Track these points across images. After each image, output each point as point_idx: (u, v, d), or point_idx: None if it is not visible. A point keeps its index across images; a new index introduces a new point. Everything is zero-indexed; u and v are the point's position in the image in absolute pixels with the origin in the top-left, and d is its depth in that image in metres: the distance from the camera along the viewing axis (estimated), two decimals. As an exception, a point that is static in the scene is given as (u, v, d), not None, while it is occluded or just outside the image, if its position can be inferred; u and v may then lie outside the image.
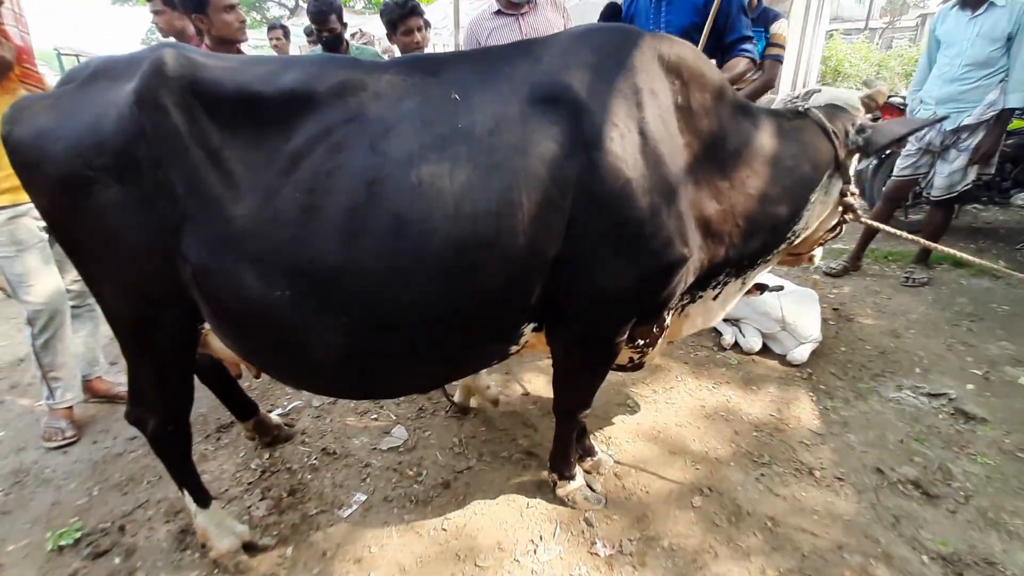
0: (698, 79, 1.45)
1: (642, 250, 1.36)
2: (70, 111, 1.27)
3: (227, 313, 1.34)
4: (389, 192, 1.22)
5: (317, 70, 1.32)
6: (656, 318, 1.60)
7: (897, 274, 3.88)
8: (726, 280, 1.75)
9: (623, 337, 1.57)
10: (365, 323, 1.31)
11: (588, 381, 1.74)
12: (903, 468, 2.08)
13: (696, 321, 1.84)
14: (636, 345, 1.66)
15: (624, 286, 1.40)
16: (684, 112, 1.44)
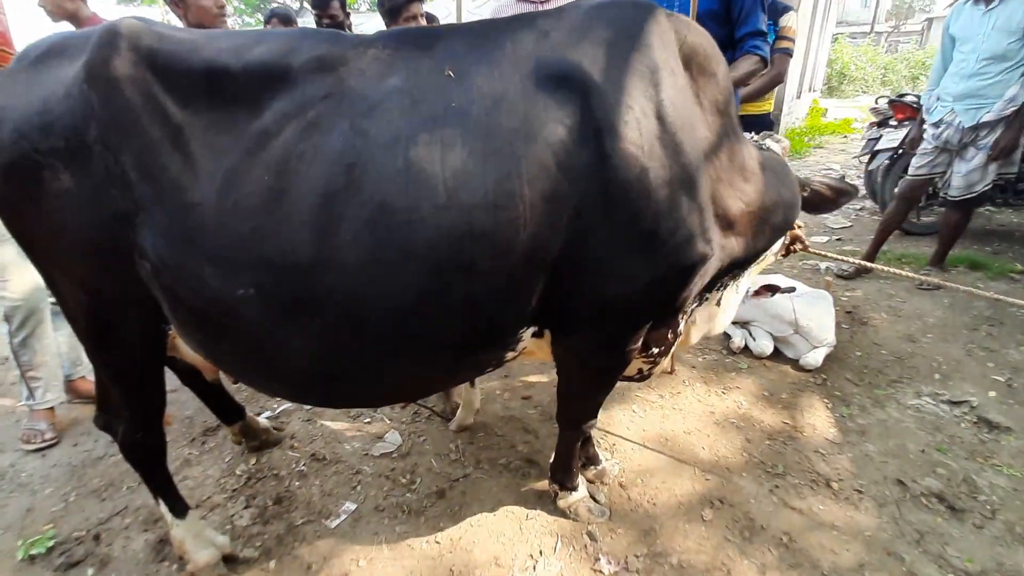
0: (712, 71, 1.34)
1: (660, 248, 1.23)
2: (18, 91, 1.15)
3: (188, 314, 1.21)
4: (371, 177, 1.08)
5: (294, 43, 1.19)
6: (672, 323, 1.48)
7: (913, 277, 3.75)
8: (727, 283, 1.65)
9: (636, 345, 1.44)
10: (341, 325, 1.17)
11: (595, 392, 1.61)
12: (926, 480, 1.96)
13: (702, 326, 1.72)
14: (649, 354, 1.52)
15: (639, 288, 1.27)
16: (700, 103, 1.33)
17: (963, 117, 3.16)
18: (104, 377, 1.45)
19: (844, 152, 8.81)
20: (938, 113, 3.28)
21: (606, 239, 1.20)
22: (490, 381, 2.65)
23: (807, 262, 4.13)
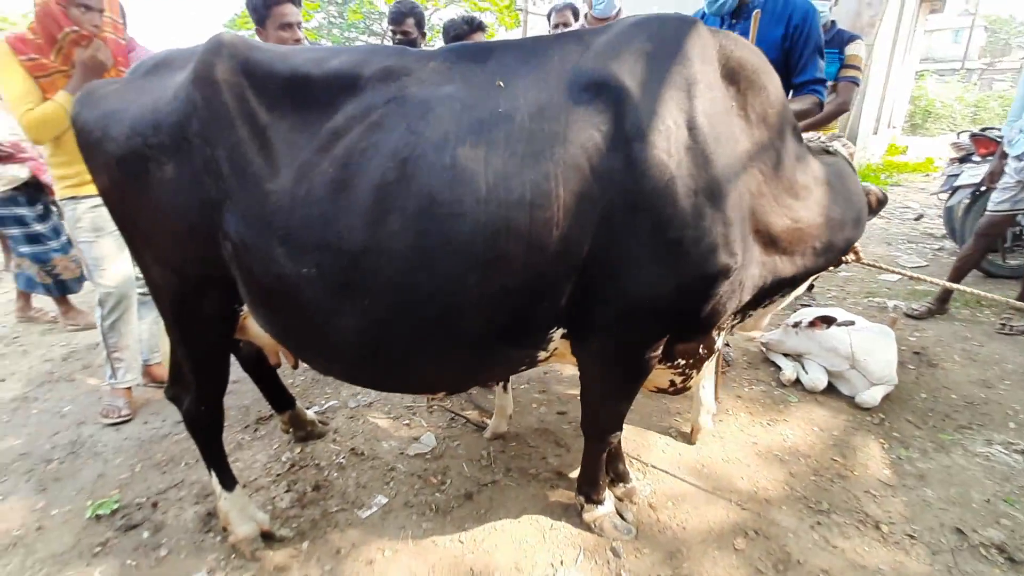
0: (760, 87, 1.36)
1: (682, 256, 1.25)
2: (133, 95, 1.36)
3: (260, 290, 1.35)
4: (420, 171, 1.19)
5: (366, 56, 1.34)
6: (699, 336, 1.47)
7: (992, 320, 3.47)
8: (778, 300, 1.65)
9: (655, 353, 1.44)
10: (386, 306, 1.27)
11: (616, 399, 1.60)
12: (987, 531, 1.79)
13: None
14: (677, 365, 1.53)
15: (659, 295, 1.29)
16: (743, 118, 1.35)
17: (1050, 150, 2.94)
18: (179, 351, 1.62)
19: (923, 191, 8.30)
20: (1020, 146, 3.08)
21: (632, 243, 1.23)
22: (527, 394, 2.68)
23: (874, 299, 3.91)
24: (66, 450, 2.33)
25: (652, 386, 1.65)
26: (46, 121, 2.14)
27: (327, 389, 2.80)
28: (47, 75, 2.16)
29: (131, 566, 1.72)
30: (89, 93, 1.41)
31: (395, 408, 2.59)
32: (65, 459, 2.27)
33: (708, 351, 1.52)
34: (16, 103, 2.12)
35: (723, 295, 1.34)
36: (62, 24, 2.15)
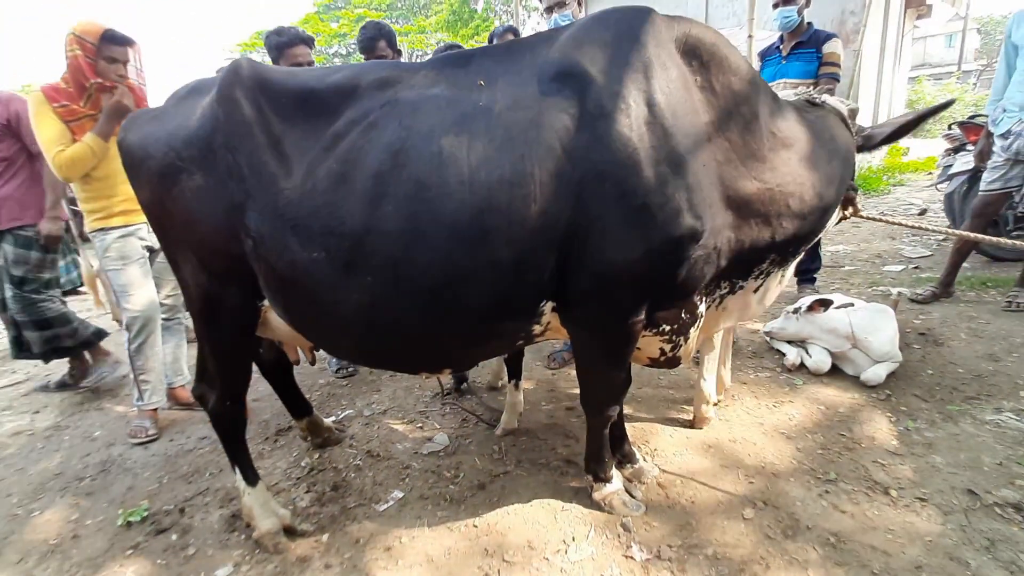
0: (719, 60, 1.45)
1: (649, 221, 1.34)
2: (169, 119, 1.55)
3: (277, 278, 1.48)
4: (411, 160, 1.32)
5: (363, 70, 1.51)
6: (679, 300, 1.53)
7: (997, 300, 3.47)
8: (769, 269, 1.68)
9: (638, 318, 1.51)
10: (386, 282, 1.38)
11: (607, 367, 1.67)
12: (1001, 491, 1.80)
13: (734, 314, 1.77)
14: (663, 331, 1.59)
15: (632, 260, 1.37)
16: (705, 91, 1.43)
17: (1033, 126, 3.01)
18: (206, 349, 1.74)
19: (927, 189, 8.31)
20: (1005, 124, 3.15)
21: (603, 212, 1.34)
22: (536, 393, 2.74)
23: (877, 288, 3.93)
24: (97, 468, 2.44)
25: (645, 358, 1.70)
26: (75, 160, 2.34)
27: (342, 401, 2.89)
28: (77, 119, 2.37)
29: (161, 565, 1.80)
30: (133, 120, 1.61)
31: (408, 413, 2.67)
32: (97, 476, 2.37)
33: (691, 316, 1.58)
34: (49, 145, 2.32)
35: (695, 259, 1.42)
36: (89, 75, 2.37)
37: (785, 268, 1.76)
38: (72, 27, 2.39)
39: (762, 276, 1.69)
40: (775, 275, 1.74)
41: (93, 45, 2.37)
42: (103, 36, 2.38)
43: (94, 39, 2.37)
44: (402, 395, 2.89)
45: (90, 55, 2.37)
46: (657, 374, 2.83)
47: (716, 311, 1.74)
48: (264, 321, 1.68)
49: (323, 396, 2.96)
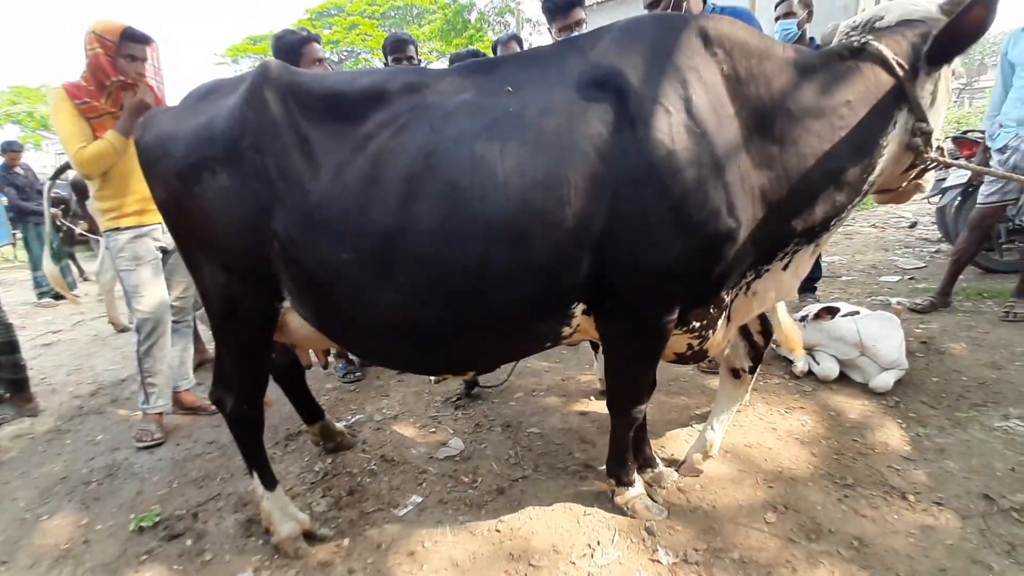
0: (741, 46, 1.45)
1: (687, 221, 1.36)
2: (188, 118, 1.53)
3: (304, 279, 1.47)
4: (444, 163, 1.34)
5: (391, 75, 1.52)
6: (710, 298, 1.54)
7: (995, 310, 3.54)
8: (796, 248, 1.60)
9: (672, 317, 1.51)
10: (418, 283, 1.38)
11: (639, 367, 1.67)
12: (1017, 496, 1.83)
13: (767, 296, 1.69)
14: (692, 328, 1.59)
15: (670, 259, 1.39)
16: (732, 81, 1.43)
17: (1029, 141, 3.10)
18: (224, 352, 1.72)
19: (918, 202, 8.48)
20: (1002, 139, 3.24)
21: (641, 214, 1.35)
22: (547, 398, 2.74)
23: (876, 298, 4.00)
24: (103, 472, 2.39)
25: (671, 354, 1.71)
26: (98, 157, 2.31)
27: (351, 405, 2.87)
28: (97, 116, 2.34)
29: (178, 571, 1.76)
30: (149, 119, 1.59)
31: (420, 418, 2.65)
32: (104, 480, 2.32)
33: (718, 311, 1.59)
34: (70, 141, 2.30)
35: (730, 256, 1.43)
36: (110, 73, 2.35)
37: (817, 244, 1.64)
38: (92, 26, 2.37)
39: (788, 256, 1.61)
40: (805, 252, 1.64)
41: (113, 43, 2.35)
42: (123, 34, 2.37)
43: (114, 37, 2.36)
44: (412, 400, 2.87)
45: (110, 53, 2.35)
46: (670, 382, 2.84)
47: (746, 297, 1.69)
48: (282, 324, 1.66)
49: (332, 401, 2.93)
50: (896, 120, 1.47)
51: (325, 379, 3.21)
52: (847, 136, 1.45)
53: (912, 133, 1.48)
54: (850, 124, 1.45)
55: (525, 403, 2.74)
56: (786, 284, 1.67)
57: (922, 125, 1.47)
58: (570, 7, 2.88)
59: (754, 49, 1.47)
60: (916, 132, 1.48)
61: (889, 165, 1.54)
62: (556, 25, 2.96)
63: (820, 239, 1.61)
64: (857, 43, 1.48)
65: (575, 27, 2.98)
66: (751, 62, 1.46)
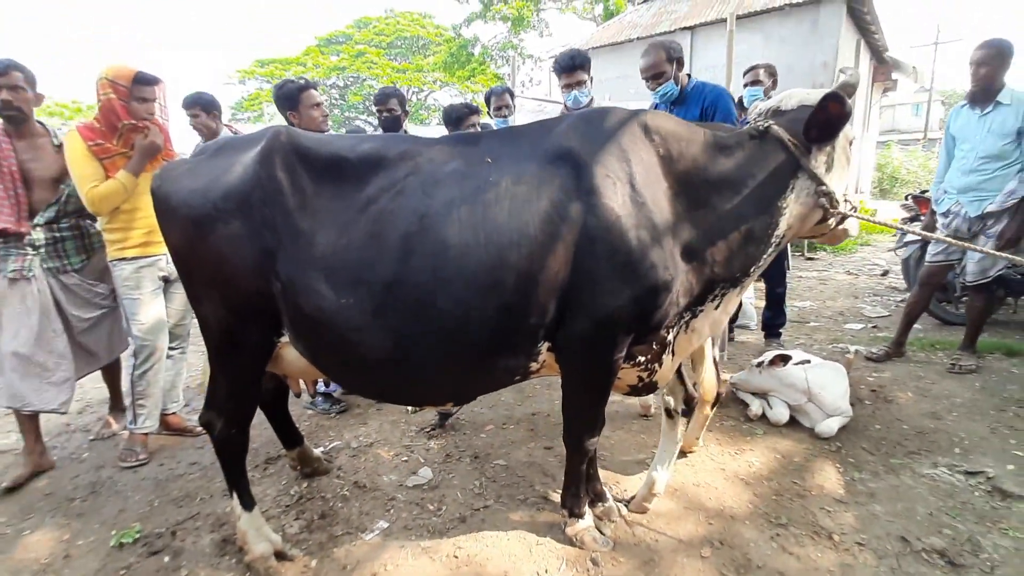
0: (673, 133, 1.75)
1: (632, 274, 1.60)
2: (203, 172, 1.74)
3: (304, 319, 1.67)
4: (435, 223, 1.58)
5: (388, 142, 1.77)
6: (653, 336, 1.77)
7: (944, 361, 3.76)
8: (723, 291, 1.84)
9: (620, 354, 1.73)
10: (410, 326, 1.60)
11: (591, 401, 1.87)
12: (930, 538, 2.00)
13: (704, 331, 1.94)
14: (639, 363, 1.82)
15: (619, 305, 1.62)
16: (665, 160, 1.71)
17: (968, 208, 3.38)
18: (218, 379, 1.88)
19: (890, 250, 8.83)
20: (945, 204, 3.52)
21: (594, 268, 1.59)
22: (516, 432, 2.91)
23: (837, 345, 4.22)
24: (87, 490, 2.51)
25: (625, 386, 1.93)
26: (107, 196, 2.51)
27: (330, 432, 3.01)
28: (109, 157, 2.54)
29: (154, 585, 1.89)
30: (167, 170, 1.80)
31: (394, 447, 2.80)
32: (87, 497, 2.45)
33: (661, 347, 1.82)
34: (82, 181, 2.49)
35: (668, 301, 1.67)
36: (122, 116, 2.56)
37: (741, 287, 1.89)
38: (104, 72, 2.57)
39: (717, 298, 1.85)
40: (731, 293, 1.88)
41: (125, 87, 2.55)
42: (134, 79, 2.57)
43: (126, 82, 2.56)
44: (388, 428, 3.02)
45: (123, 97, 2.55)
46: (630, 420, 3.02)
47: (686, 334, 1.91)
48: (277, 356, 1.84)
49: (311, 427, 3.08)
50: (793, 186, 1.76)
51: (305, 404, 3.35)
52: (752, 201, 1.74)
53: (816, 195, 1.76)
54: (755, 191, 1.74)
55: (494, 435, 2.90)
56: (718, 320, 1.94)
57: (822, 188, 1.75)
58: (573, 68, 3.35)
59: (683, 135, 1.76)
60: (820, 194, 1.75)
61: (796, 221, 1.82)
62: (563, 82, 3.41)
63: (743, 283, 1.87)
64: (762, 126, 1.78)
65: (577, 86, 3.32)
66: (680, 145, 1.74)
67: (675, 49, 3.12)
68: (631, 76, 13.80)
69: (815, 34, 10.56)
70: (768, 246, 1.81)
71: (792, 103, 1.83)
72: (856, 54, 12.28)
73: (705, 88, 3.19)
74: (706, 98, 3.08)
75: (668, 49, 3.09)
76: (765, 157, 1.76)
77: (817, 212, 1.81)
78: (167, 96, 2.83)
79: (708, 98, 3.09)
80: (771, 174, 1.75)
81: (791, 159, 1.74)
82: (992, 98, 3.29)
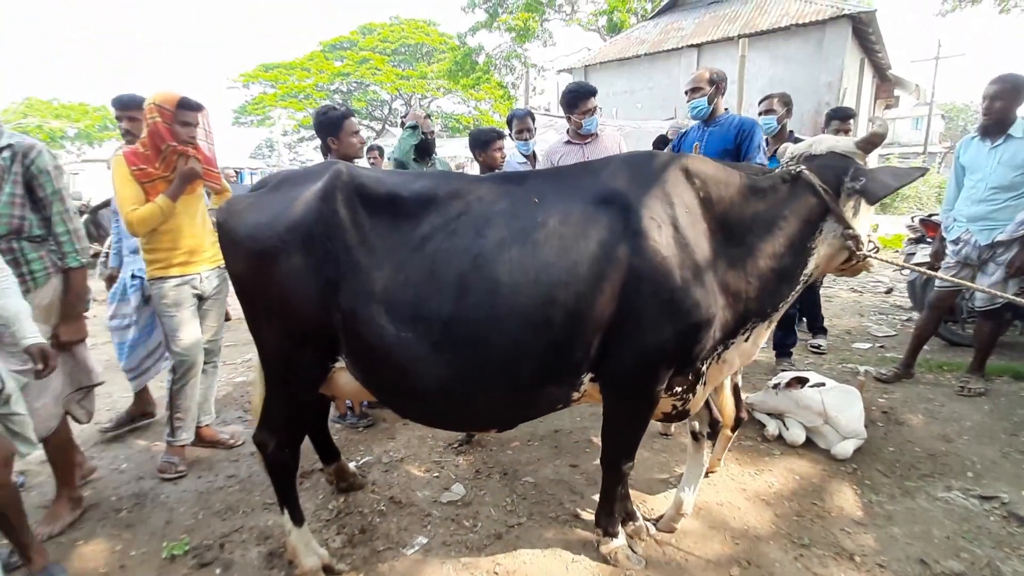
0: (712, 177, 1.87)
1: (676, 311, 1.71)
2: (268, 205, 1.84)
3: (365, 348, 1.78)
4: (488, 264, 1.68)
5: (440, 180, 1.88)
6: (690, 368, 1.87)
7: (952, 383, 3.87)
8: (754, 325, 1.95)
9: (662, 385, 1.84)
10: (465, 359, 1.71)
11: (632, 429, 1.99)
12: (948, 562, 2.10)
13: (735, 363, 2.04)
14: (675, 393, 1.93)
15: (663, 340, 1.73)
16: (705, 203, 1.83)
17: (978, 236, 3.49)
18: (274, 402, 1.97)
19: (895, 269, 8.95)
20: (955, 232, 3.64)
21: (641, 306, 1.70)
22: (541, 449, 3.00)
23: (847, 365, 4.33)
24: (132, 501, 2.60)
25: (660, 413, 2.03)
26: (144, 219, 2.61)
27: (360, 447, 3.11)
28: (151, 181, 2.66)
29: (209, 597, 1.98)
30: (232, 204, 1.90)
31: (424, 462, 2.90)
32: (133, 508, 2.54)
33: (696, 377, 1.93)
34: (123, 203, 2.60)
35: (708, 336, 1.79)
36: (166, 138, 2.67)
37: (770, 321, 2.00)
38: (151, 98, 2.70)
39: (748, 331, 1.97)
40: (761, 327, 1.99)
41: (170, 111, 2.68)
42: (179, 103, 2.69)
43: (171, 106, 2.68)
44: (416, 443, 3.12)
45: (167, 121, 2.67)
46: (651, 439, 3.12)
47: (718, 365, 2.01)
48: (330, 380, 1.94)
49: (341, 441, 3.16)
50: (822, 229, 1.87)
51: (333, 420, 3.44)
52: (784, 241, 1.86)
53: (844, 237, 1.86)
54: (787, 232, 1.86)
55: (520, 452, 3.00)
56: (748, 352, 2.04)
57: (849, 231, 1.85)
58: (587, 96, 3.50)
59: (721, 179, 1.87)
60: (847, 236, 1.86)
61: (824, 260, 1.93)
62: (578, 110, 3.51)
63: (772, 317, 1.98)
64: (794, 171, 1.89)
65: (589, 114, 3.44)
66: (719, 188, 1.85)
67: (718, 74, 3.43)
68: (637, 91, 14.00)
69: (820, 53, 10.76)
70: (797, 283, 1.92)
71: (822, 148, 1.93)
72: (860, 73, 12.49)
73: (739, 119, 3.42)
74: (742, 128, 3.30)
75: (712, 72, 3.43)
76: (796, 200, 1.87)
77: (843, 253, 1.92)
78: (210, 122, 2.95)
79: (744, 128, 3.30)
80: (802, 217, 1.86)
81: (821, 203, 1.85)
82: (1004, 131, 3.41)
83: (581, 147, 3.59)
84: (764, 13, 11.13)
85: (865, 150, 1.90)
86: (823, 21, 10.48)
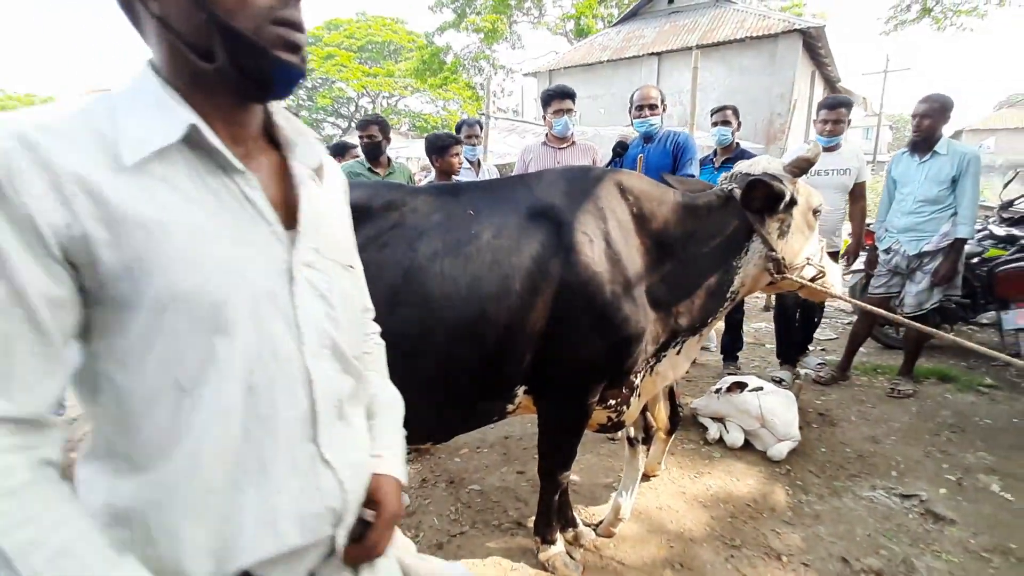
0: (645, 193, 1.91)
1: (607, 325, 1.73)
2: None
3: None
4: (419, 277, 1.67)
5: (373, 191, 1.84)
6: (623, 381, 1.92)
7: (884, 385, 4.08)
8: (684, 338, 2.03)
9: (595, 398, 1.87)
10: (397, 374, 1.66)
11: (566, 440, 2.01)
12: (868, 559, 2.21)
13: (667, 375, 2.11)
14: (609, 405, 1.97)
15: (595, 354, 1.75)
16: (638, 218, 1.87)
17: (907, 246, 3.70)
18: None
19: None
20: (886, 242, 3.84)
21: (572, 320, 1.72)
22: (490, 456, 3.02)
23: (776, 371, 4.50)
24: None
25: (595, 424, 2.06)
26: None
27: (306, 456, 3.05)
28: None
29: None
30: None
31: (371, 472, 2.86)
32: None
33: (629, 390, 1.98)
34: None
35: (638, 350, 1.83)
36: None
37: (700, 335, 2.09)
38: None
39: (679, 344, 2.04)
40: (691, 340, 2.07)
41: None
42: None
43: None
44: (363, 452, 3.08)
45: None
46: (598, 443, 3.17)
47: (651, 377, 2.08)
48: None
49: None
50: (747, 248, 1.94)
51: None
52: (713, 259, 1.92)
53: (766, 259, 1.93)
54: (715, 250, 1.92)
55: (468, 459, 3.00)
56: (680, 364, 2.11)
57: (771, 254, 1.92)
58: (560, 97, 3.58)
59: (654, 195, 1.91)
60: (768, 258, 1.93)
61: (750, 280, 2.00)
62: (551, 109, 3.60)
63: (702, 332, 2.05)
64: (727, 189, 1.96)
65: (564, 112, 3.51)
66: (652, 204, 1.90)
67: (661, 92, 3.58)
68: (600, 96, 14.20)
69: (773, 65, 11.17)
70: (724, 300, 1.99)
71: (757, 169, 1.98)
72: (811, 84, 13.01)
73: (674, 134, 3.48)
74: (677, 143, 3.38)
75: (662, 93, 3.56)
76: (726, 219, 1.93)
77: (765, 277, 1.99)
78: None
79: (678, 143, 3.39)
80: (729, 236, 1.92)
81: (747, 223, 1.92)
82: (931, 148, 3.61)
83: (555, 151, 3.64)
84: (721, 25, 11.49)
85: (793, 173, 1.96)
86: (775, 35, 10.89)
